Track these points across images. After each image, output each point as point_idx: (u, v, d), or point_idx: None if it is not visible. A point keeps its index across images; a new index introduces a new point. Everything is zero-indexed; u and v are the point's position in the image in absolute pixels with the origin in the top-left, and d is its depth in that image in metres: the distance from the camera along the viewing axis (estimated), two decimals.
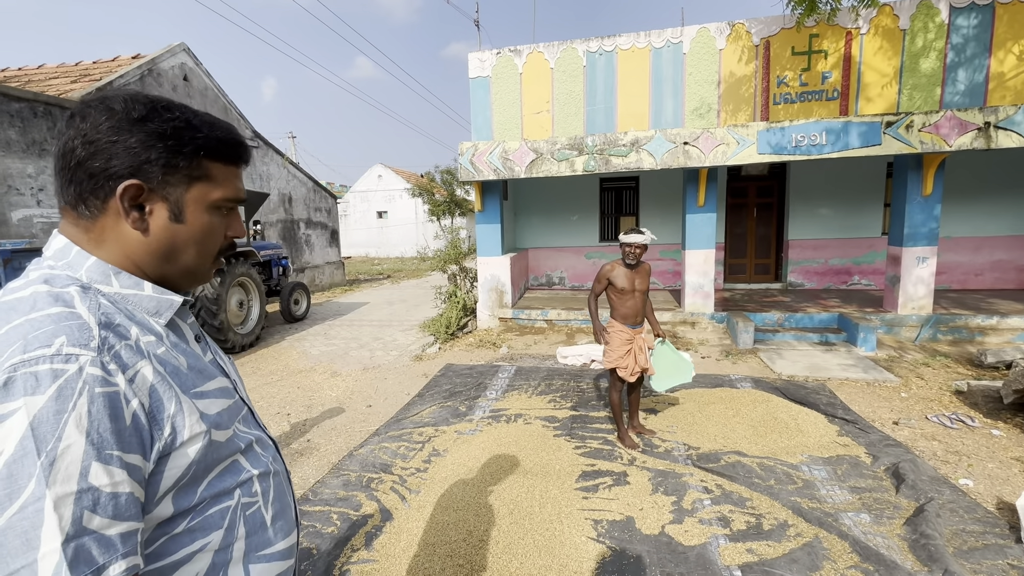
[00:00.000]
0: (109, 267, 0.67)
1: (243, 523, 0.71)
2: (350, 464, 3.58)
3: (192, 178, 0.70)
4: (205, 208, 0.72)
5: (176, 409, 0.62)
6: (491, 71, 7.71)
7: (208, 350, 0.80)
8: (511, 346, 6.87)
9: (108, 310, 0.62)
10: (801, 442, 3.68)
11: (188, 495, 0.64)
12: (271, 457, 0.80)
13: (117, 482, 0.54)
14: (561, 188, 9.68)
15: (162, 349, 0.66)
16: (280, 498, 0.79)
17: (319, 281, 13.82)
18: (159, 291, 0.70)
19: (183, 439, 0.62)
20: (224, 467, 0.69)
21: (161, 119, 0.67)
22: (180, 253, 0.71)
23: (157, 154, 0.66)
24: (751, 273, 9.61)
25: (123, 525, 0.54)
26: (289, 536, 0.80)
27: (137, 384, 0.59)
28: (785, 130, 6.22)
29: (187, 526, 0.64)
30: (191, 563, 0.64)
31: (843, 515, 2.77)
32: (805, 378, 5.26)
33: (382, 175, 28.65)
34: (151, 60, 8.48)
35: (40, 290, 0.60)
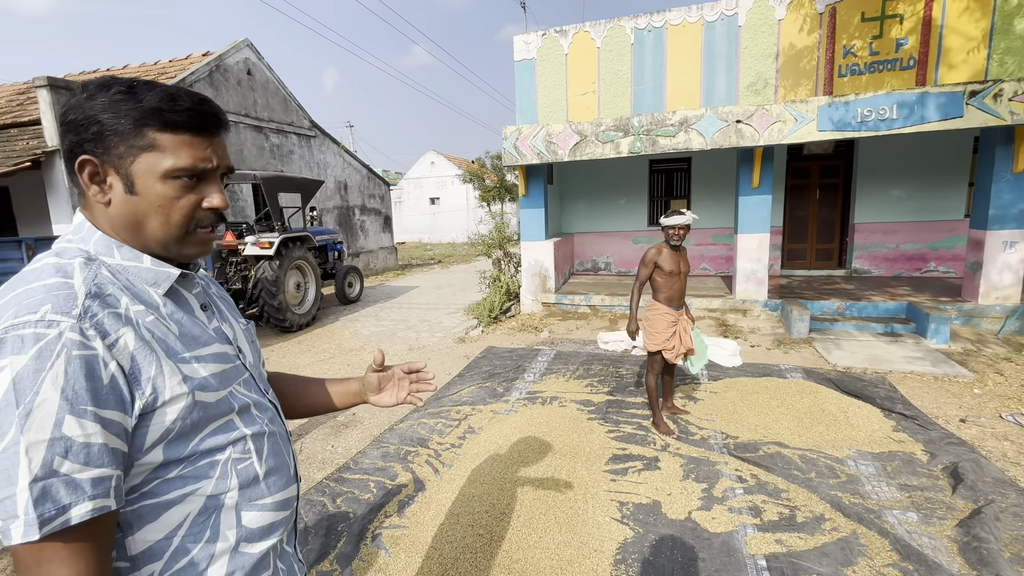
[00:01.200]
0: (113, 241, 0.74)
1: (235, 475, 0.77)
2: (390, 437, 3.77)
3: (138, 148, 0.71)
4: (158, 178, 0.72)
5: (157, 372, 0.68)
6: (536, 53, 7.63)
7: (215, 318, 0.85)
8: (552, 331, 6.90)
9: (103, 280, 0.69)
10: (850, 435, 3.49)
11: (179, 447, 0.71)
12: (268, 419, 0.85)
13: (89, 433, 0.60)
14: (609, 171, 9.49)
15: (151, 317, 0.71)
16: (275, 456, 0.85)
17: (373, 265, 14.38)
18: (157, 264, 0.76)
19: (164, 399, 0.68)
20: (218, 425, 0.75)
21: (106, 93, 0.70)
22: (143, 224, 0.74)
23: (99, 128, 0.69)
24: (812, 259, 9.06)
25: (94, 471, 0.60)
26: (284, 490, 0.86)
27: (118, 348, 0.65)
28: (850, 104, 5.77)
29: (179, 473, 0.71)
30: (183, 504, 0.72)
31: (887, 512, 2.63)
32: (863, 370, 4.94)
33: (435, 162, 29.16)
34: (218, 56, 9.04)
35: (49, 262, 0.69)
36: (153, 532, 0.70)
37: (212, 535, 0.75)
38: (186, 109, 0.73)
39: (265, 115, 10.31)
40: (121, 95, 0.70)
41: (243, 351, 0.88)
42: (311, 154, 11.87)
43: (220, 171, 0.79)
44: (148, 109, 0.71)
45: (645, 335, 3.76)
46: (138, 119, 0.70)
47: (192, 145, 0.74)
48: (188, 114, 0.73)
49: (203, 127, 0.75)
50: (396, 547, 2.44)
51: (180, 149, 0.73)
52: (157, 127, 0.71)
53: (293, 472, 0.91)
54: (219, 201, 0.79)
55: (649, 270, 3.67)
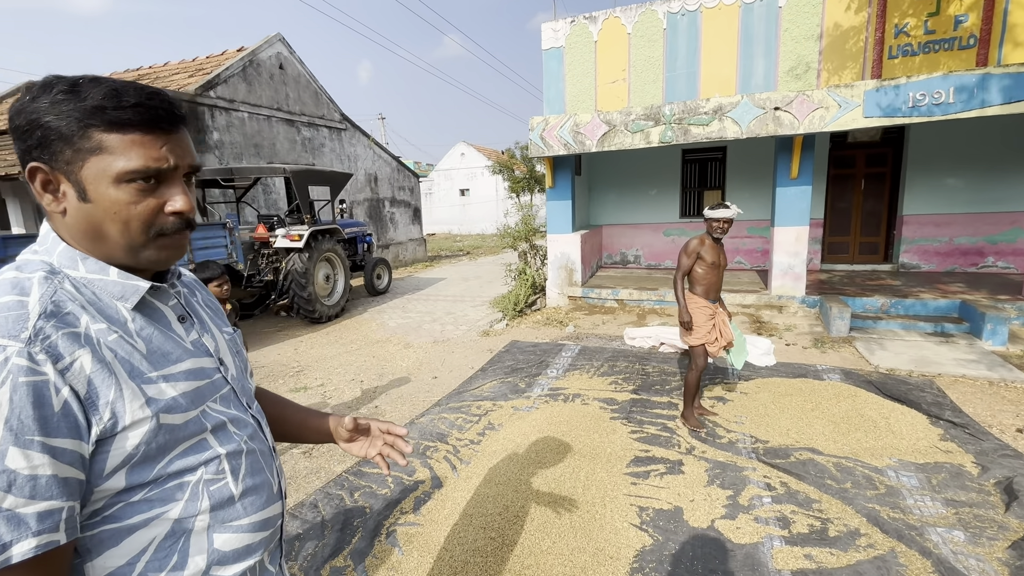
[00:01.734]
0: (77, 253, 0.69)
1: (207, 497, 0.73)
2: (410, 431, 3.76)
3: (85, 152, 0.66)
4: (110, 183, 0.67)
5: (116, 395, 0.64)
6: (564, 41, 7.45)
7: (195, 330, 0.80)
8: (578, 325, 6.79)
9: (62, 298, 0.65)
10: (891, 443, 3.28)
11: (143, 471, 0.67)
12: (247, 436, 0.81)
13: (36, 465, 0.57)
14: (639, 161, 9.23)
15: (114, 336, 0.67)
16: (254, 475, 0.80)
17: (402, 257, 14.54)
18: (124, 276, 0.71)
19: (124, 424, 0.64)
20: (188, 445, 0.71)
21: (49, 94, 0.65)
22: (102, 233, 0.69)
23: (43, 132, 0.65)
24: (855, 253, 8.60)
25: (41, 504, 0.57)
26: (264, 510, 0.81)
27: (72, 372, 0.61)
28: (900, 88, 5.38)
29: (144, 496, 0.67)
30: (147, 528, 0.68)
31: (930, 529, 2.44)
32: (908, 372, 4.65)
33: (464, 153, 29.18)
34: (251, 52, 9.22)
35: (7, 276, 0.65)
36: (114, 558, 0.67)
37: (180, 560, 0.71)
38: (132, 105, 0.67)
39: (297, 108, 10.49)
40: (63, 95, 0.65)
41: (225, 363, 0.84)
42: (341, 147, 12.03)
43: (182, 171, 0.73)
44: (90, 108, 0.65)
45: (684, 331, 3.67)
46: (81, 120, 0.65)
47: (143, 144, 0.68)
48: (135, 111, 0.67)
49: (154, 124, 0.69)
50: (410, 545, 2.43)
51: (130, 150, 0.67)
52: (102, 127, 0.66)
53: (277, 490, 0.87)
54: (182, 204, 0.72)
55: (692, 260, 3.62)
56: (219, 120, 8.75)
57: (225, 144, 8.86)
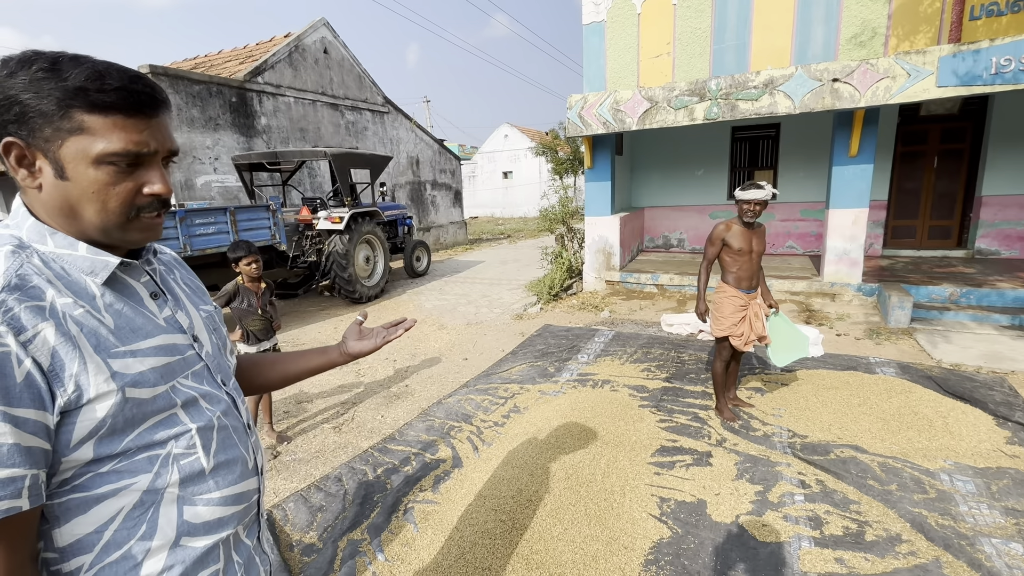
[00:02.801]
0: (45, 228, 0.70)
1: (176, 470, 0.74)
2: (437, 411, 3.83)
3: (65, 131, 0.66)
4: (89, 163, 0.68)
5: (80, 368, 0.65)
6: (606, 15, 7.15)
7: (167, 307, 0.81)
8: (614, 310, 6.63)
9: (28, 271, 0.65)
10: (947, 445, 3.02)
11: (111, 443, 0.68)
12: (220, 411, 0.82)
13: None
14: (685, 140, 8.82)
15: (80, 311, 0.68)
16: (226, 450, 0.82)
17: (443, 240, 14.69)
18: (93, 252, 0.72)
19: (89, 396, 0.65)
20: (158, 420, 0.72)
21: (28, 70, 0.65)
22: (77, 211, 0.70)
23: (21, 108, 0.65)
24: (923, 237, 7.91)
25: (3, 472, 0.58)
26: (237, 485, 0.82)
27: (35, 344, 0.62)
28: (982, 53, 4.82)
29: (113, 467, 0.69)
30: (115, 497, 0.70)
31: (983, 540, 2.23)
32: (976, 368, 4.25)
33: (508, 135, 28.95)
34: (297, 37, 9.43)
35: None
36: (82, 525, 0.69)
37: (148, 529, 0.73)
38: (115, 88, 0.68)
39: (341, 93, 10.68)
40: (44, 72, 0.65)
41: (200, 340, 0.85)
42: (384, 130, 12.19)
43: (161, 155, 0.74)
44: (73, 89, 0.66)
45: (711, 319, 3.51)
46: (62, 100, 0.65)
47: (125, 128, 0.69)
48: (118, 94, 0.68)
49: (136, 108, 0.70)
50: (425, 523, 2.46)
51: (111, 132, 0.68)
52: (84, 108, 0.66)
53: (252, 465, 0.88)
54: (160, 187, 0.73)
55: (716, 248, 3.39)
56: (266, 105, 9.04)
57: (272, 129, 9.16)
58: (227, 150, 8.08)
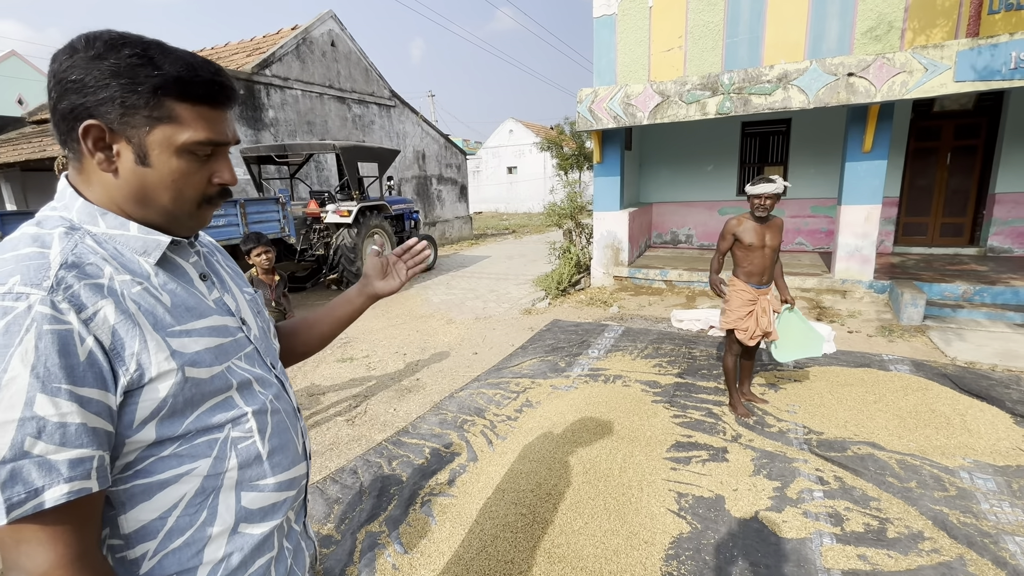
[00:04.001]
0: (96, 208, 0.70)
1: (234, 455, 0.74)
2: (449, 405, 3.82)
3: (154, 119, 0.67)
4: (173, 152, 0.69)
5: (141, 347, 0.64)
6: (617, 8, 7.09)
7: (216, 289, 0.81)
8: (623, 306, 6.61)
9: (83, 251, 0.65)
10: (966, 442, 2.99)
11: (172, 425, 0.68)
12: (272, 395, 0.82)
13: (64, 413, 0.57)
14: (695, 135, 8.76)
15: (138, 288, 0.67)
16: (280, 434, 0.81)
17: (448, 234, 14.67)
18: (145, 231, 0.72)
19: (151, 375, 0.65)
20: (216, 402, 0.72)
21: (118, 55, 0.65)
22: (153, 197, 0.71)
23: (112, 93, 0.65)
24: (935, 234, 7.85)
25: (71, 452, 0.58)
26: (289, 470, 0.82)
27: (96, 323, 0.61)
28: (999, 47, 4.76)
29: (174, 451, 0.69)
30: (179, 483, 0.69)
31: (1007, 538, 2.21)
32: (992, 366, 4.22)
33: (513, 130, 28.84)
34: (304, 29, 9.39)
35: (28, 231, 0.66)
36: (147, 511, 0.68)
37: (209, 516, 0.73)
38: (207, 81, 0.70)
39: (348, 86, 10.64)
40: (137, 59, 0.66)
41: (247, 323, 0.84)
42: (391, 124, 12.15)
43: (230, 145, 0.77)
44: (169, 78, 0.67)
45: (722, 314, 3.49)
46: (157, 88, 0.66)
47: (209, 118, 0.71)
48: (208, 86, 0.70)
49: (221, 100, 0.73)
50: (443, 516, 2.46)
51: (197, 122, 0.70)
52: (176, 97, 0.68)
53: (301, 450, 0.88)
54: (229, 176, 0.76)
55: (728, 242, 3.37)
56: (274, 98, 9.02)
57: (280, 122, 9.14)
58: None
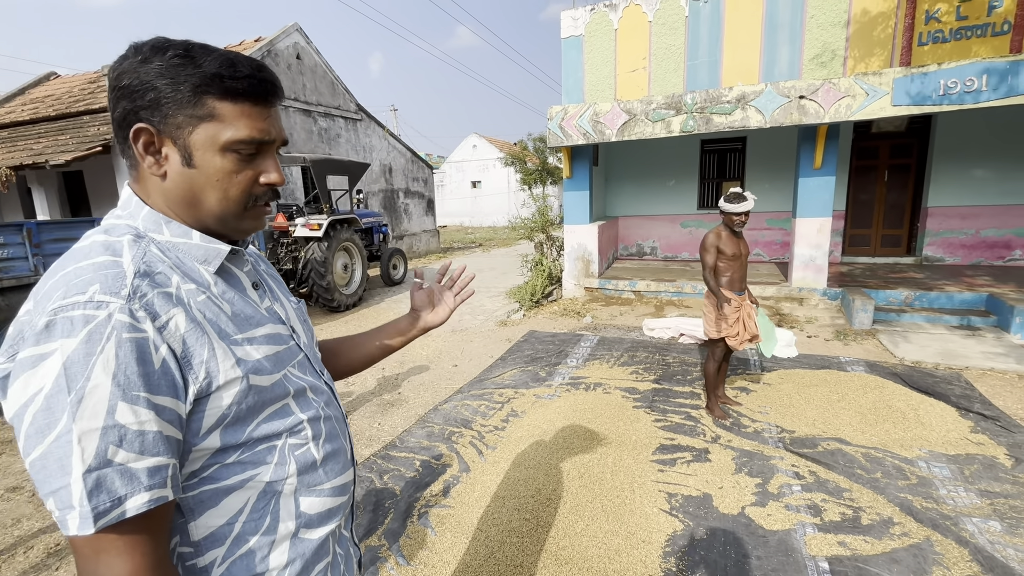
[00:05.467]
0: (161, 216, 0.70)
1: (293, 461, 0.75)
2: (434, 417, 3.82)
3: (196, 118, 0.67)
4: (217, 151, 0.69)
5: (210, 355, 0.65)
6: (584, 29, 7.38)
7: (267, 297, 0.82)
8: (595, 316, 6.78)
9: (152, 259, 0.66)
10: (920, 435, 3.25)
11: (235, 432, 0.69)
12: (323, 402, 0.83)
13: (143, 421, 0.58)
14: (657, 152, 9.15)
15: (203, 297, 0.68)
16: (332, 440, 0.82)
17: (416, 248, 14.58)
18: (206, 240, 0.73)
19: (219, 383, 0.66)
20: (274, 410, 0.73)
21: (162, 57, 0.65)
22: (200, 200, 0.71)
23: (156, 94, 0.65)
24: (877, 245, 8.47)
25: (150, 460, 0.58)
26: (341, 475, 0.84)
27: (169, 331, 0.62)
28: (930, 76, 5.27)
29: (237, 458, 0.69)
30: (243, 489, 0.70)
31: (965, 519, 2.43)
32: (935, 365, 4.59)
33: (476, 145, 29.09)
34: (269, 42, 9.25)
35: (97, 239, 0.66)
36: (215, 517, 0.69)
37: (272, 521, 0.73)
38: (246, 76, 0.69)
39: (313, 99, 10.51)
40: (179, 59, 0.66)
41: (296, 331, 0.85)
42: (357, 137, 12.06)
43: (276, 144, 0.75)
44: (209, 75, 0.67)
45: (707, 322, 3.65)
46: (198, 86, 0.66)
47: (251, 116, 0.70)
48: (248, 81, 0.69)
49: (263, 96, 0.71)
50: (442, 526, 2.46)
51: (239, 119, 0.69)
52: (217, 95, 0.67)
53: (350, 456, 0.89)
54: (276, 176, 0.75)
55: (714, 255, 3.53)
56: None
57: None
58: None
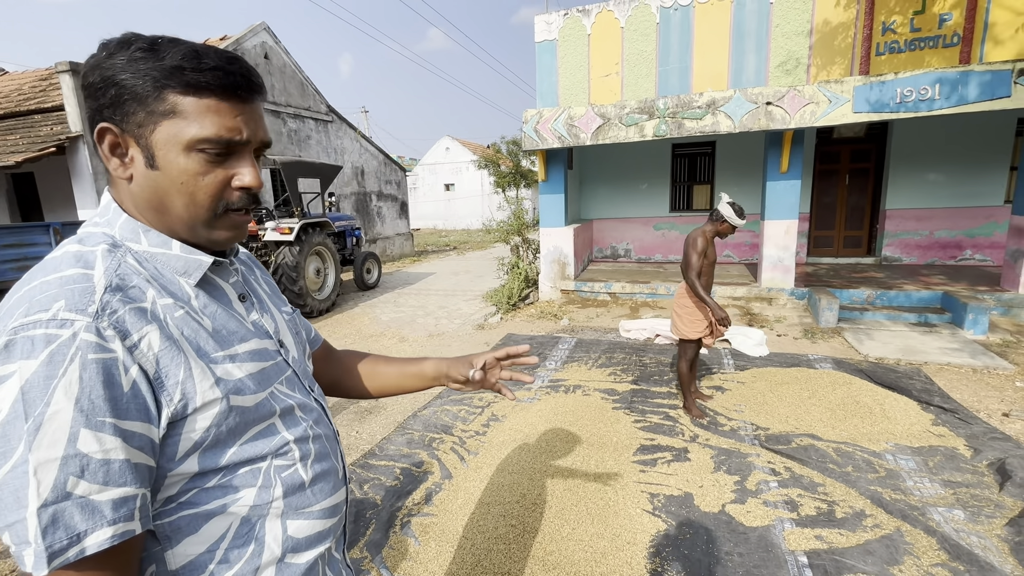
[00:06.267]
0: (139, 225, 0.66)
1: (279, 483, 0.70)
2: (414, 424, 3.76)
3: (159, 115, 0.62)
4: (180, 150, 0.63)
5: (186, 375, 0.61)
6: (558, 34, 7.44)
7: (254, 310, 0.77)
8: (572, 318, 6.82)
9: (126, 271, 0.61)
10: (887, 429, 3.38)
11: (215, 456, 0.64)
12: (313, 420, 0.78)
13: (108, 449, 0.53)
14: (630, 155, 9.29)
15: (180, 312, 0.64)
16: (321, 461, 0.77)
17: (389, 251, 14.40)
18: (187, 251, 0.68)
19: (195, 405, 0.61)
20: (258, 430, 0.68)
21: (127, 51, 0.61)
22: (166, 205, 0.65)
23: (117, 90, 0.61)
24: (839, 246, 8.80)
25: (114, 491, 0.54)
26: (331, 496, 0.79)
27: (141, 350, 0.58)
28: (887, 84, 5.52)
29: (219, 482, 0.65)
30: (224, 515, 0.66)
31: (932, 509, 2.53)
32: (896, 361, 4.79)
33: (449, 147, 28.97)
34: (235, 40, 8.99)
35: (70, 250, 0.62)
36: (194, 545, 0.65)
37: (257, 547, 0.69)
38: (211, 68, 0.63)
39: (283, 100, 10.27)
40: (141, 52, 0.61)
41: (285, 345, 0.80)
42: (328, 139, 11.83)
43: (253, 145, 0.69)
44: (169, 68, 0.61)
45: (683, 323, 3.72)
46: (157, 80, 0.61)
47: (219, 112, 0.64)
48: (214, 74, 0.63)
49: (231, 90, 0.65)
50: (426, 535, 2.42)
51: (204, 116, 0.63)
52: (179, 89, 0.62)
53: (342, 476, 0.84)
54: (250, 179, 0.68)
55: (701, 259, 3.58)
56: None
57: None
58: None
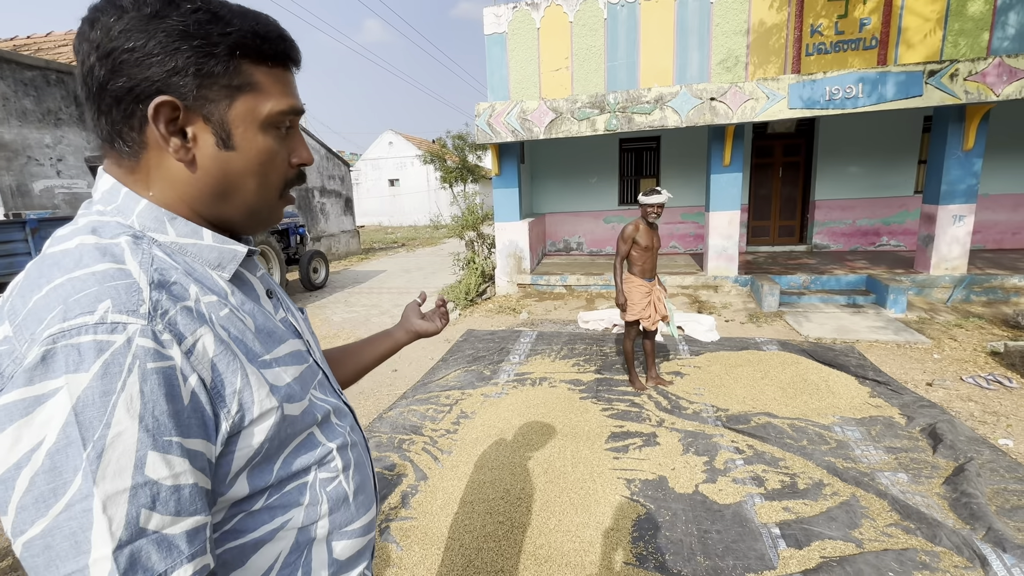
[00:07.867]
0: (163, 212, 0.56)
1: (325, 500, 0.64)
2: (380, 426, 3.63)
3: (234, 88, 0.55)
4: (258, 127, 0.57)
5: (243, 383, 0.53)
6: (507, 27, 7.40)
7: (280, 307, 0.69)
8: (531, 312, 6.85)
9: (163, 265, 0.52)
10: (832, 403, 3.64)
11: (263, 474, 0.57)
12: (348, 427, 0.71)
13: (178, 473, 0.46)
14: (579, 150, 9.43)
15: (225, 311, 0.55)
16: (360, 470, 0.71)
17: (335, 250, 13.87)
18: (220, 240, 0.59)
19: (252, 417, 0.54)
20: (299, 441, 0.61)
21: (180, 12, 0.52)
22: (237, 189, 0.58)
23: (184, 60, 0.51)
24: (775, 235, 9.38)
25: (188, 521, 0.47)
26: (369, 511, 0.73)
27: (196, 356, 0.50)
28: (818, 83, 5.91)
29: (265, 503, 0.58)
30: (274, 541, 0.59)
31: (880, 474, 2.75)
32: (833, 340, 5.17)
33: (393, 142, 28.25)
34: None
35: (87, 242, 0.50)
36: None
37: (304, 574, 0.62)
38: (279, 37, 0.58)
39: None
40: (204, 15, 0.52)
41: (311, 346, 0.73)
42: None
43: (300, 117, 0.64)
44: (245, 35, 0.54)
45: (625, 307, 3.92)
46: (233, 48, 0.54)
47: (287, 83, 0.59)
48: (282, 44, 0.58)
49: (294, 60, 0.60)
50: (407, 540, 2.34)
51: (280, 87, 0.58)
52: (254, 59, 0.55)
53: (373, 487, 0.77)
54: (307, 154, 0.64)
55: (628, 246, 3.89)
56: None
57: None
58: (73, 150, 6.78)
